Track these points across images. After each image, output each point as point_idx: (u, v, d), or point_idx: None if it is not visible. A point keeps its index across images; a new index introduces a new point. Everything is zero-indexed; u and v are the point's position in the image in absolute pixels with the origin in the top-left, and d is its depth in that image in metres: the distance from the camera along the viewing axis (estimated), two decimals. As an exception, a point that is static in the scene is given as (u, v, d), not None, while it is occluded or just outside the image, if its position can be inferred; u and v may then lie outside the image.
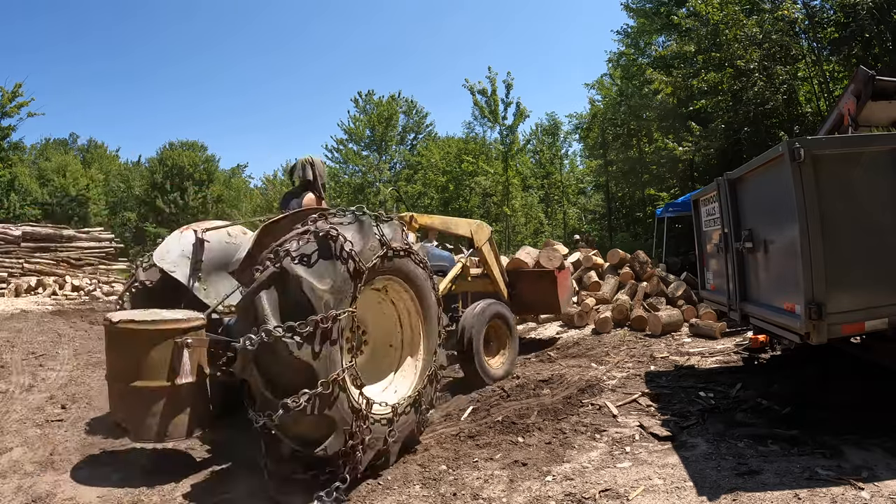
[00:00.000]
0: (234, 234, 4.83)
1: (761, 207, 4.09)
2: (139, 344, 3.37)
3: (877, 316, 3.37)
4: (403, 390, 3.91)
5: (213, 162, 39.42)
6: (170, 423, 3.41)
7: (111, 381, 3.57)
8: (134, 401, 3.40)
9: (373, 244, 3.54)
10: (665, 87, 14.29)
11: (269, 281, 3.15)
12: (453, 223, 6.05)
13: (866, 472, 3.04)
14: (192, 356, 3.46)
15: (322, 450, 3.12)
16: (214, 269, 4.57)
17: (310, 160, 4.76)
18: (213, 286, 4.52)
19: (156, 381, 3.36)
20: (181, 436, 3.55)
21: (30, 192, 30.07)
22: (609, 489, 3.09)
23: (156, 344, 3.36)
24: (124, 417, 3.47)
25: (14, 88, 23.01)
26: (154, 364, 3.36)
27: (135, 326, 3.40)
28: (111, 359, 3.57)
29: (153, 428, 3.39)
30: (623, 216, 22.54)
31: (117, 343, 3.48)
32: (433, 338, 4.13)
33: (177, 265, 4.38)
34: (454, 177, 24.30)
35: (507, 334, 5.90)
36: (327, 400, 3.14)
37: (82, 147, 41.47)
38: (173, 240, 4.56)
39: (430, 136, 31.44)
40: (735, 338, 6.71)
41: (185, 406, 3.45)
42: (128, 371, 3.40)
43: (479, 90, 22.82)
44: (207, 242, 4.56)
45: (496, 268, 6.42)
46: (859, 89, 5.09)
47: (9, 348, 7.67)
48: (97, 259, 18.94)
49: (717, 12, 12.51)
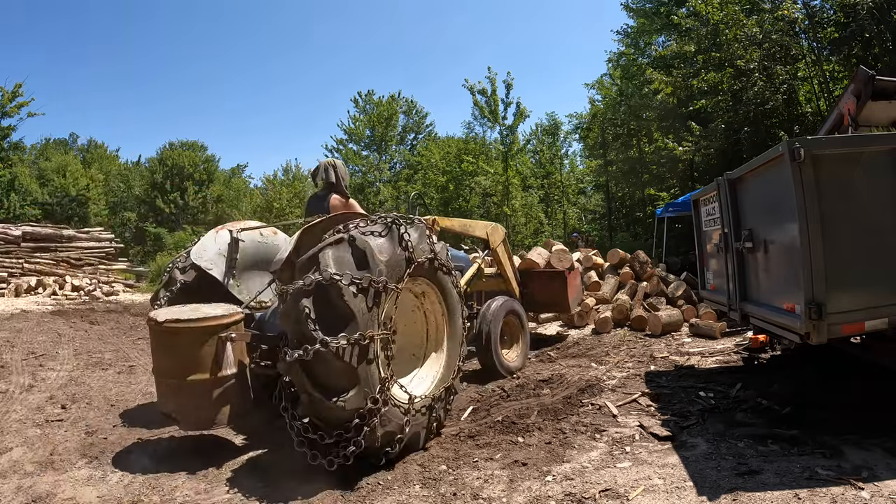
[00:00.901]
0: (266, 234, 5.16)
1: (761, 207, 4.09)
2: (185, 341, 3.58)
3: (877, 316, 3.37)
4: (428, 383, 4.12)
5: (213, 162, 39.40)
6: (215, 412, 3.65)
7: (159, 377, 3.77)
8: (182, 394, 3.62)
9: (405, 250, 3.75)
10: (665, 87, 14.28)
11: (312, 288, 3.34)
12: (471, 226, 6.35)
13: (866, 472, 3.04)
14: (234, 349, 3.69)
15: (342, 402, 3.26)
16: (247, 268, 4.90)
17: (332, 163, 4.98)
18: (245, 283, 4.85)
19: (202, 374, 3.58)
20: (224, 423, 3.80)
21: (30, 192, 30.03)
22: (609, 489, 3.09)
23: (201, 340, 3.58)
24: (173, 409, 3.68)
25: (14, 88, 23.01)
26: (200, 359, 3.58)
27: (181, 325, 3.59)
28: (158, 356, 3.76)
29: (201, 417, 3.66)
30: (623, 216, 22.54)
31: (164, 341, 3.66)
32: (457, 335, 4.37)
33: (213, 263, 4.66)
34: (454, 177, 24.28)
35: (520, 329, 6.24)
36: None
37: (82, 147, 41.46)
38: (209, 239, 4.83)
39: (430, 136, 31.46)
40: (735, 338, 6.72)
41: (228, 396, 3.68)
42: (175, 367, 3.61)
43: (479, 90, 22.80)
44: (242, 242, 4.86)
45: (509, 268, 6.68)
46: (859, 89, 5.09)
47: (9, 348, 7.68)
48: (97, 259, 18.94)
49: (717, 12, 12.50)
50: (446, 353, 4.30)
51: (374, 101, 30.46)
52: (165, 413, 3.77)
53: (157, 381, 3.84)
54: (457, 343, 4.36)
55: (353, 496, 3.21)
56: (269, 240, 5.13)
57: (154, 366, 3.85)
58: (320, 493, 3.26)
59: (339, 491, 3.28)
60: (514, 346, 6.17)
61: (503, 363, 5.77)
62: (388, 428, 3.51)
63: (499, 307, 5.87)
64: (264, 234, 5.16)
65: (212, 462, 3.77)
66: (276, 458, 3.84)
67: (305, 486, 3.36)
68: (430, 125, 32.25)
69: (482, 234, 6.32)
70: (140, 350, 7.85)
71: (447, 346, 4.32)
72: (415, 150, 30.42)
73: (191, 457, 3.86)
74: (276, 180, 31.27)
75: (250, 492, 3.33)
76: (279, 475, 3.56)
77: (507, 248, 6.72)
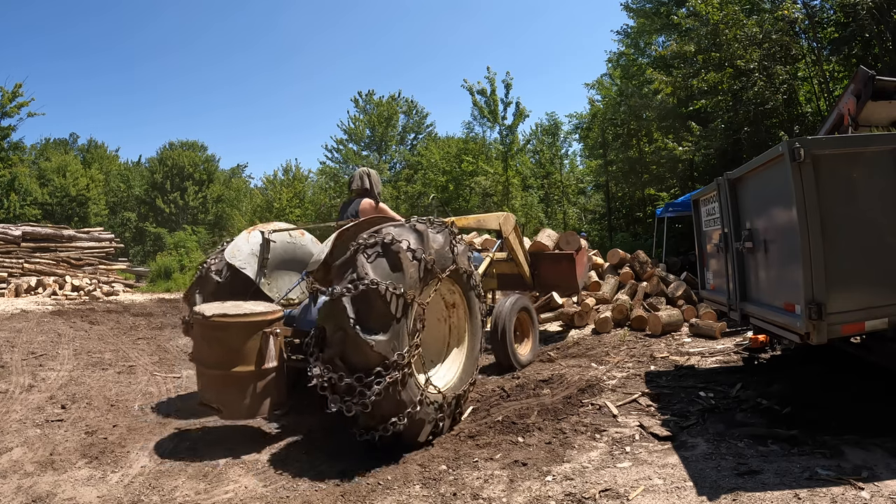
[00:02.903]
0: (295, 235, 5.49)
1: (761, 207, 4.09)
2: (232, 335, 3.80)
3: (877, 316, 3.38)
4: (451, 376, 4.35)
5: (213, 162, 39.42)
6: (258, 403, 3.89)
7: (203, 369, 3.96)
8: (227, 385, 3.83)
9: (432, 251, 3.98)
10: (665, 87, 14.25)
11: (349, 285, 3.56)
12: (484, 220, 6.63)
13: (866, 472, 3.04)
14: (275, 344, 3.93)
15: (374, 341, 3.46)
16: (277, 267, 5.23)
17: (366, 171, 5.39)
18: (275, 281, 5.18)
19: (247, 366, 3.81)
20: (265, 414, 4.06)
21: (30, 192, 30.04)
22: (609, 489, 3.09)
23: (247, 334, 3.81)
24: (216, 399, 3.89)
25: (14, 88, 22.99)
26: (245, 352, 3.81)
27: (228, 320, 3.80)
28: (203, 348, 3.94)
29: (244, 407, 3.86)
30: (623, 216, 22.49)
31: (211, 334, 3.85)
32: (477, 331, 4.62)
33: (247, 263, 4.95)
34: (454, 177, 24.24)
35: (531, 325, 6.61)
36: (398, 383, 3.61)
37: (82, 147, 41.39)
38: (242, 240, 5.11)
39: (430, 136, 31.43)
40: (735, 338, 6.72)
41: (270, 388, 3.93)
42: (221, 359, 3.81)
43: (479, 90, 22.76)
44: (273, 243, 5.17)
45: (521, 253, 7.08)
46: (859, 89, 5.09)
47: (9, 348, 7.68)
48: (97, 259, 18.95)
49: (717, 12, 12.48)
50: (467, 349, 4.54)
51: (374, 101, 30.44)
52: (206, 403, 3.95)
53: (200, 372, 4.01)
54: (476, 339, 4.62)
55: (353, 496, 3.21)
56: (298, 240, 5.46)
57: (197, 358, 4.03)
58: (320, 493, 3.26)
59: (339, 491, 3.28)
60: (524, 341, 6.48)
61: (517, 357, 6.06)
62: (402, 397, 3.60)
63: (512, 304, 6.16)
64: (293, 234, 5.45)
65: (210, 461, 3.78)
66: (276, 458, 3.84)
67: (305, 486, 3.37)
68: (431, 125, 32.27)
69: (495, 225, 6.59)
70: (140, 350, 7.86)
71: (468, 343, 4.56)
72: (415, 150, 30.39)
73: (191, 454, 3.86)
74: (276, 180, 31.20)
75: (250, 492, 3.33)
76: (279, 475, 3.56)
77: (519, 234, 7.02)
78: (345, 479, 3.44)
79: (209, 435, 4.30)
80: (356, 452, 3.85)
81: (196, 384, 4.25)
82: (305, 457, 3.86)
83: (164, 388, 5.80)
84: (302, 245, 5.47)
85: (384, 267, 3.63)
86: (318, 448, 4.00)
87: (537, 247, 7.81)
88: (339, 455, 3.85)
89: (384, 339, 3.49)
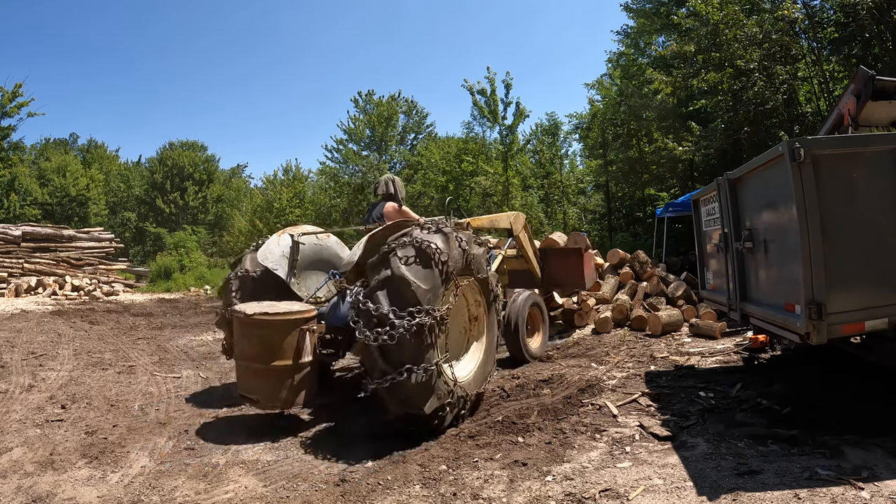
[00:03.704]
0: (321, 238, 5.86)
1: (761, 207, 4.09)
2: (273, 331, 4.12)
3: (877, 316, 3.37)
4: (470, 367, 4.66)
5: (213, 162, 39.39)
6: (295, 394, 4.22)
7: (243, 362, 4.27)
8: (266, 377, 4.15)
9: (456, 251, 4.26)
10: (665, 87, 14.23)
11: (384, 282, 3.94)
12: (497, 220, 6.94)
13: (866, 472, 3.04)
14: (311, 340, 4.26)
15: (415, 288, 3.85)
16: (305, 267, 5.57)
17: (391, 178, 5.80)
18: (304, 281, 5.52)
19: (286, 360, 4.14)
20: (301, 404, 4.40)
21: (30, 192, 30.04)
22: (609, 489, 3.09)
23: (286, 331, 4.15)
24: (255, 390, 4.21)
25: (14, 88, 22.99)
26: (284, 347, 4.13)
27: (269, 318, 4.12)
28: (244, 344, 4.24)
29: (281, 398, 4.18)
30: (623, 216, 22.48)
31: (252, 331, 4.17)
32: (494, 325, 4.95)
33: (278, 264, 5.26)
34: (454, 177, 24.23)
35: (541, 319, 6.97)
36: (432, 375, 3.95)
37: (82, 147, 41.37)
38: (273, 242, 5.41)
39: (430, 136, 31.43)
40: (735, 338, 6.71)
41: (305, 380, 4.26)
42: (262, 353, 4.13)
43: (479, 90, 22.75)
44: (302, 245, 5.50)
45: (531, 250, 7.39)
46: (859, 89, 5.08)
47: (9, 348, 7.68)
48: (97, 259, 18.95)
49: (717, 12, 12.47)
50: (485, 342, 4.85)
51: (375, 101, 30.45)
52: (245, 395, 4.30)
53: (240, 365, 4.33)
54: (493, 333, 4.93)
55: (353, 496, 3.21)
56: (324, 242, 5.85)
57: (238, 352, 4.34)
58: (320, 493, 3.26)
59: (339, 491, 3.29)
60: (535, 335, 6.83)
61: (528, 350, 6.41)
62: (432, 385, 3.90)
63: (524, 300, 6.54)
64: (320, 237, 5.84)
65: (211, 459, 3.78)
66: (276, 458, 3.84)
67: (305, 486, 3.37)
68: (431, 125, 32.27)
69: (506, 224, 6.90)
70: (140, 350, 7.86)
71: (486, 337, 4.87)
72: (415, 150, 30.38)
73: (190, 454, 3.86)
74: (276, 180, 31.21)
75: (250, 492, 3.33)
76: (279, 475, 3.56)
77: (529, 232, 7.37)
78: (345, 479, 3.44)
79: (209, 434, 4.31)
80: (356, 453, 3.86)
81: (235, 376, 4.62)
82: (305, 457, 3.86)
83: (164, 388, 5.80)
84: (328, 247, 5.85)
85: (415, 266, 3.98)
86: (318, 448, 4.00)
87: (548, 243, 8.36)
88: (339, 455, 3.85)
89: (425, 288, 3.90)
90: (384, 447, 3.92)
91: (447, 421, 4.13)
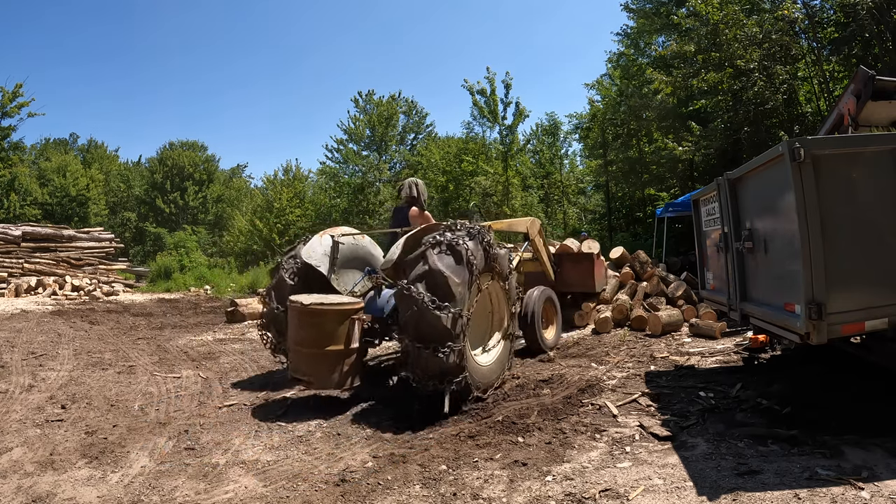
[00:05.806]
0: (358, 238, 6.37)
1: (761, 207, 4.09)
2: (327, 320, 4.68)
3: (877, 316, 3.37)
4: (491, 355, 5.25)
5: (213, 162, 39.43)
6: (346, 376, 4.76)
7: (299, 348, 4.76)
8: (320, 361, 4.70)
9: (481, 251, 4.84)
10: (665, 87, 14.23)
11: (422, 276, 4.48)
12: (515, 224, 7.73)
13: (866, 472, 3.04)
14: (359, 328, 4.82)
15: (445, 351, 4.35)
16: (343, 265, 6.07)
17: (415, 181, 6.20)
18: (342, 277, 6.04)
19: (338, 345, 4.70)
20: (349, 386, 4.88)
21: (30, 192, 30.05)
22: (609, 489, 3.09)
23: (340, 320, 4.71)
24: (309, 373, 4.73)
25: (14, 88, 22.99)
26: (337, 334, 4.69)
27: (325, 308, 4.70)
28: (300, 331, 4.75)
29: (334, 380, 4.74)
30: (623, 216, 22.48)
31: (308, 320, 4.70)
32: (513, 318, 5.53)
33: (321, 262, 5.81)
34: (454, 177, 24.22)
35: (555, 312, 7.42)
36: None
37: (82, 147, 41.37)
38: (316, 242, 5.96)
39: (430, 136, 31.41)
40: (735, 338, 6.71)
41: (353, 364, 4.82)
42: (317, 339, 4.67)
43: (479, 90, 22.74)
44: (341, 245, 6.02)
45: (545, 253, 7.97)
46: (859, 89, 5.08)
47: (9, 348, 7.68)
48: (97, 259, 18.95)
49: (717, 12, 12.47)
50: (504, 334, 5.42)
51: (375, 101, 30.42)
52: (297, 377, 4.79)
53: (295, 350, 4.81)
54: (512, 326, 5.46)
55: (353, 496, 3.21)
56: (360, 242, 6.35)
57: (293, 339, 4.82)
58: (320, 493, 3.26)
59: (339, 491, 3.29)
60: (549, 327, 7.26)
61: (543, 340, 6.82)
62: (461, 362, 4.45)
63: (539, 294, 6.99)
64: (356, 238, 6.34)
65: (211, 459, 3.78)
66: (276, 458, 3.84)
67: (305, 486, 3.37)
68: (431, 125, 32.24)
69: (523, 228, 7.52)
70: (140, 350, 7.86)
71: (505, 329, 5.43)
72: (415, 150, 30.37)
73: (190, 454, 3.86)
74: (276, 180, 31.19)
75: (250, 492, 3.33)
76: (279, 475, 3.56)
77: (543, 236, 7.93)
78: (345, 479, 3.44)
79: (209, 434, 4.30)
80: (356, 453, 3.86)
81: (289, 361, 5.06)
82: (305, 457, 3.86)
83: (164, 388, 5.80)
84: (363, 246, 6.36)
85: (449, 261, 4.53)
86: (318, 448, 4.00)
87: (562, 248, 8.74)
88: (339, 455, 3.85)
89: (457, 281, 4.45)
90: (384, 447, 3.92)
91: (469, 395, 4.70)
